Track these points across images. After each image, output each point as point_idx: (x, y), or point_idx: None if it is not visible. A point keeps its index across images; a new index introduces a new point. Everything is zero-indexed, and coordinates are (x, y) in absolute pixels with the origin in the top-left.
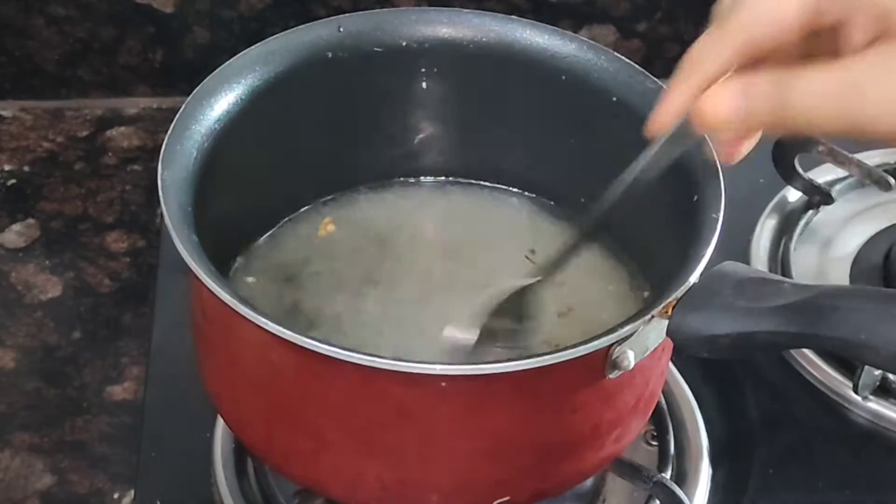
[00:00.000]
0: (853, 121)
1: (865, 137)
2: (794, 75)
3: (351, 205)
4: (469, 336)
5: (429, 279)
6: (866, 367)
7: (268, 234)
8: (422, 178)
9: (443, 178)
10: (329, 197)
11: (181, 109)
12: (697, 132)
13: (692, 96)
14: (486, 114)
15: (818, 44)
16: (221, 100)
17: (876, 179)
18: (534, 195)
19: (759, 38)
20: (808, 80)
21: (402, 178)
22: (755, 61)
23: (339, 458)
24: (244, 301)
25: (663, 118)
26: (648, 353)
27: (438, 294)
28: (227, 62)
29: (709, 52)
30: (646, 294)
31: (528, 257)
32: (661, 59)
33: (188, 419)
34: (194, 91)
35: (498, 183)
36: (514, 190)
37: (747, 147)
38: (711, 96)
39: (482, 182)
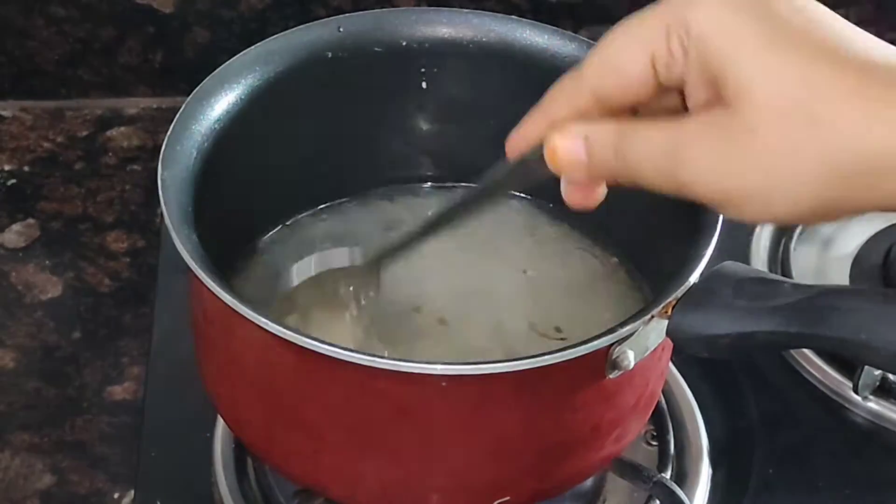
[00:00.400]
0: (674, 182)
1: (693, 199)
2: (632, 129)
3: (350, 205)
4: None
5: (427, 284)
6: (866, 367)
7: (268, 234)
8: (420, 178)
9: (441, 179)
10: (328, 198)
11: (181, 109)
12: (548, 169)
13: (541, 130)
14: (485, 114)
15: (678, 100)
16: (221, 100)
17: None
18: (533, 197)
19: (608, 90)
20: (641, 136)
21: (401, 179)
22: (621, 108)
23: (339, 458)
24: (244, 301)
25: (515, 143)
26: (648, 353)
27: (436, 298)
28: (227, 62)
29: (562, 94)
30: (646, 294)
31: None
32: None
33: (188, 419)
34: (194, 91)
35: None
36: (514, 191)
37: (600, 195)
38: (556, 135)
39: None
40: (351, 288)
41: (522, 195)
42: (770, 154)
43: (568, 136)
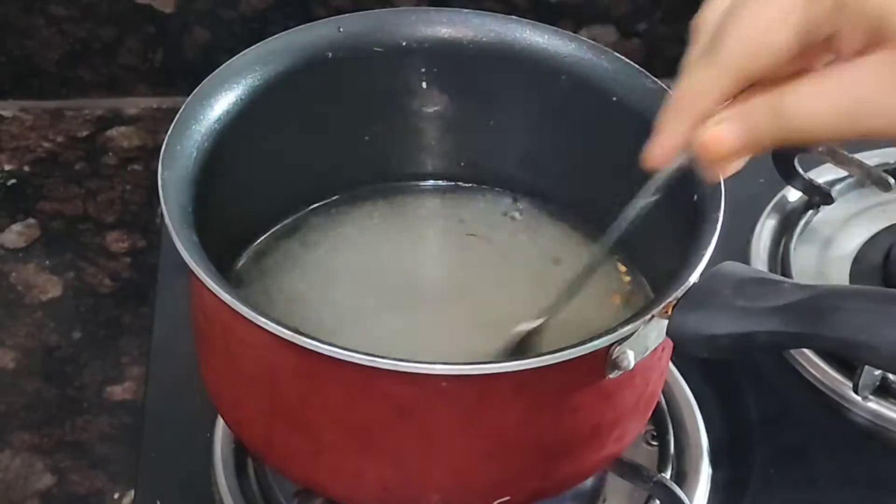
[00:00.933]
0: (856, 126)
1: (869, 138)
2: (789, 92)
3: (350, 206)
4: None
5: (426, 286)
6: (866, 367)
7: (268, 234)
8: (421, 177)
9: (442, 179)
10: (328, 198)
11: (181, 109)
12: (702, 164)
13: (687, 133)
14: (485, 114)
15: (806, 59)
16: (221, 100)
17: (876, 179)
18: (534, 196)
19: (755, 69)
20: (804, 92)
21: (401, 178)
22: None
23: (339, 458)
24: (244, 301)
25: (659, 154)
26: (648, 353)
27: (434, 300)
28: (227, 62)
29: (702, 87)
30: (646, 294)
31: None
32: (661, 59)
33: (188, 419)
34: (194, 91)
35: (497, 183)
36: (514, 191)
37: (740, 164)
38: (711, 131)
39: (481, 183)
40: None
41: (522, 194)
42: None
43: (724, 126)
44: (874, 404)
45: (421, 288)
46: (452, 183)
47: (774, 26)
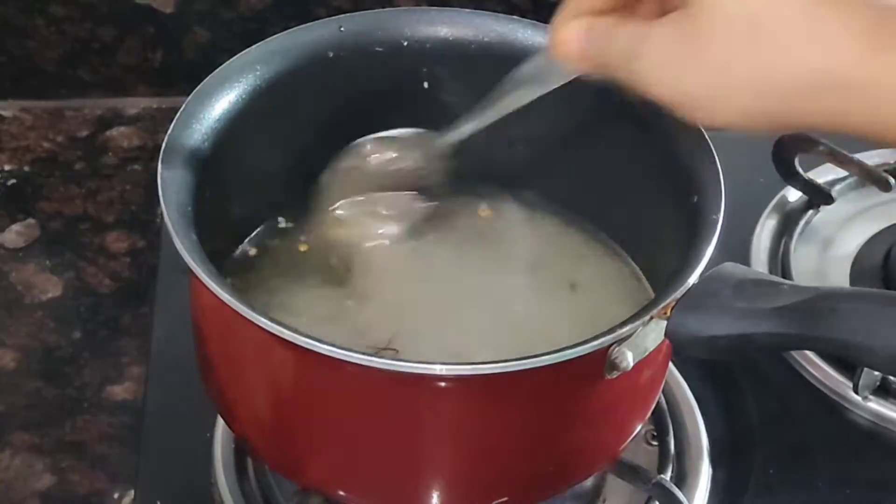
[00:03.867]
0: (631, 76)
1: (651, 98)
2: (622, 21)
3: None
4: None
5: (421, 286)
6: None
7: (267, 233)
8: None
9: (441, 178)
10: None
11: (181, 109)
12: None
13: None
14: None
15: None
16: (221, 100)
17: (876, 179)
18: (533, 194)
19: None
20: (622, 33)
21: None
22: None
23: (339, 458)
24: (244, 301)
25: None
26: (647, 353)
27: (430, 301)
28: (227, 62)
29: None
30: (646, 294)
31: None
32: None
33: (188, 419)
34: (194, 91)
35: (495, 181)
36: (513, 189)
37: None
38: (564, 29)
39: (480, 181)
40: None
41: (521, 192)
42: (711, 62)
43: (570, 26)
44: (874, 404)
45: (418, 288)
46: (451, 181)
47: None
